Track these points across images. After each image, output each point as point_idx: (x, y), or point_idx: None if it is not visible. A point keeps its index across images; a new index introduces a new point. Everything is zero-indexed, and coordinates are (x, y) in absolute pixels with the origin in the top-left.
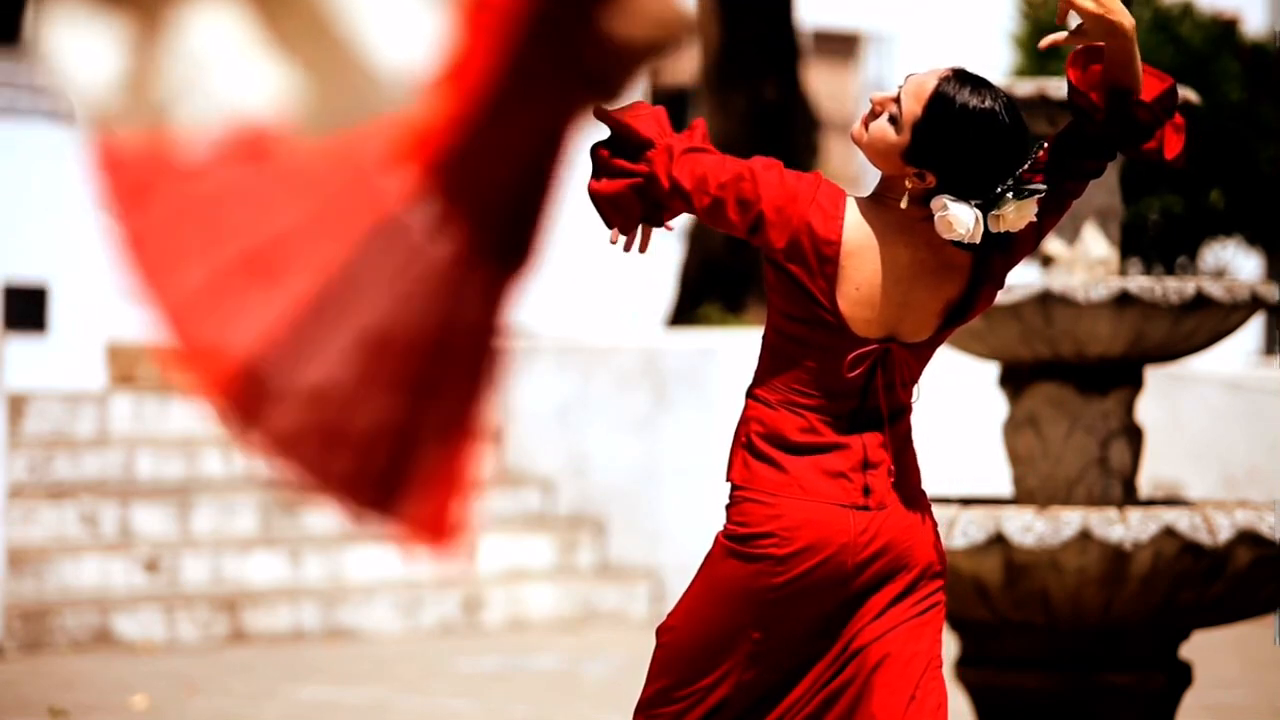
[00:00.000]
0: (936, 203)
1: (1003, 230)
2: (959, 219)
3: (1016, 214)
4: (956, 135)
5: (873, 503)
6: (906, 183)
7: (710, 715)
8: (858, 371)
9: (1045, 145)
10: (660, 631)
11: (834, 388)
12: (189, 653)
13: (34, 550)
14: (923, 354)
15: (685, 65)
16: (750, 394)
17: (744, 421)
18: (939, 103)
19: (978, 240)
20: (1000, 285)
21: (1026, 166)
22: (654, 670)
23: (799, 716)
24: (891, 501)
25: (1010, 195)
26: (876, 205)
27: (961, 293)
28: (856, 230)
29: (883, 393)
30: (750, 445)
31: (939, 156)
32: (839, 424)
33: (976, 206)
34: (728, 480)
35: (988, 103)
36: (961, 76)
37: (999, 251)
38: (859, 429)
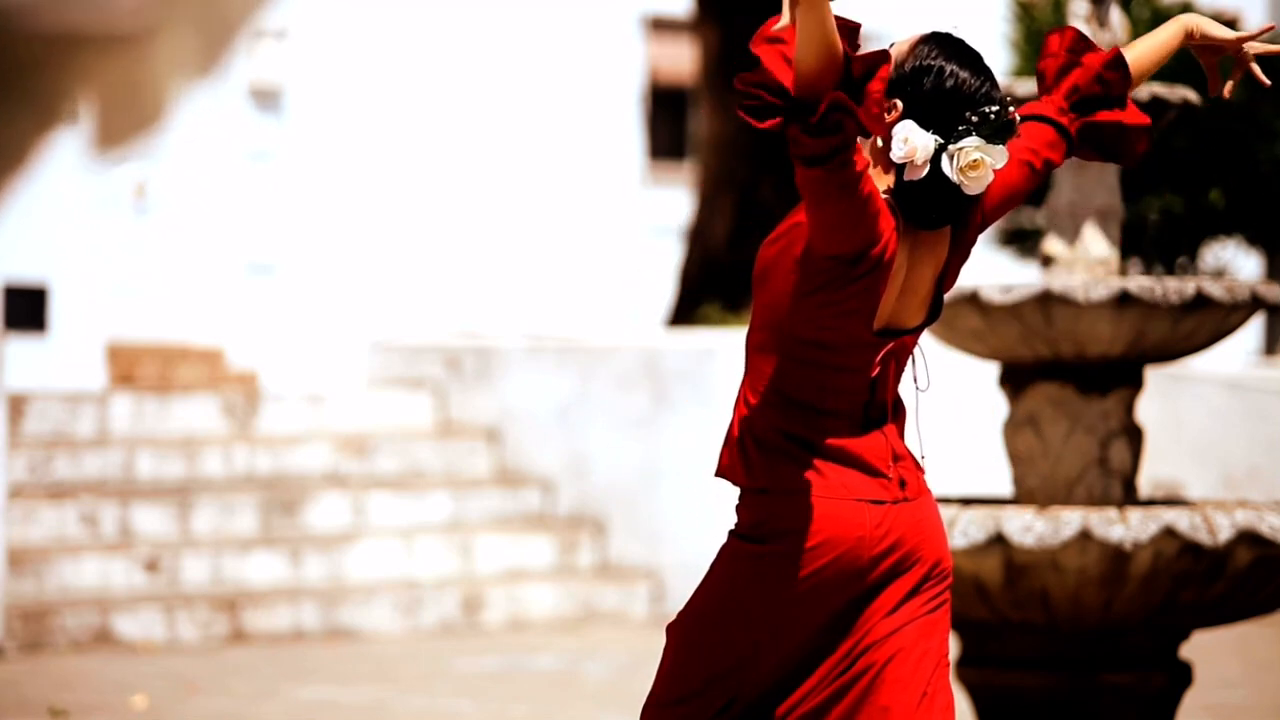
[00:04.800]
0: (899, 128)
1: (961, 176)
2: (913, 140)
3: (976, 156)
4: (928, 59)
5: (910, 494)
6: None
7: (721, 712)
8: (878, 369)
9: (1016, 112)
10: (670, 629)
11: (848, 386)
12: (189, 653)
13: (34, 550)
14: (914, 341)
15: (685, 65)
16: (757, 396)
17: (756, 426)
18: (925, 39)
19: (920, 168)
20: (966, 257)
21: (994, 116)
22: (664, 668)
23: (806, 708)
24: (914, 494)
25: (972, 134)
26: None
27: (942, 265)
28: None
29: (890, 386)
30: (775, 449)
31: (908, 80)
32: (857, 422)
33: (935, 137)
34: (750, 484)
35: (963, 46)
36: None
37: (968, 214)
38: (875, 425)
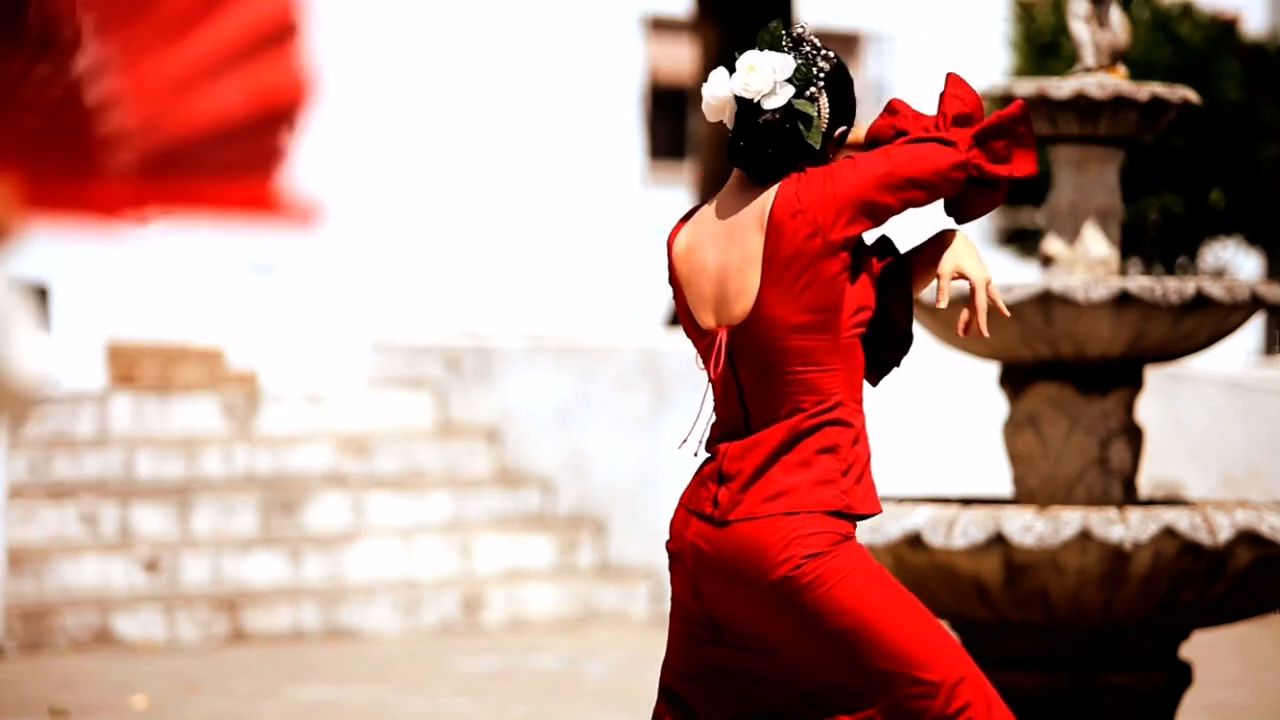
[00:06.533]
0: None
1: (740, 76)
2: (718, 71)
3: (750, 61)
4: None
5: (717, 515)
6: None
7: (692, 682)
8: (707, 365)
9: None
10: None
11: (716, 392)
12: (189, 653)
13: (34, 550)
14: (779, 345)
15: (685, 65)
16: None
17: None
18: None
19: (719, 88)
20: (807, 266)
21: (799, 39)
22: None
23: (792, 691)
24: (740, 517)
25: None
26: (726, 191)
27: (759, 266)
28: (691, 227)
29: (738, 385)
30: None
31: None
32: (732, 433)
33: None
34: None
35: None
36: None
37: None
38: (729, 436)
